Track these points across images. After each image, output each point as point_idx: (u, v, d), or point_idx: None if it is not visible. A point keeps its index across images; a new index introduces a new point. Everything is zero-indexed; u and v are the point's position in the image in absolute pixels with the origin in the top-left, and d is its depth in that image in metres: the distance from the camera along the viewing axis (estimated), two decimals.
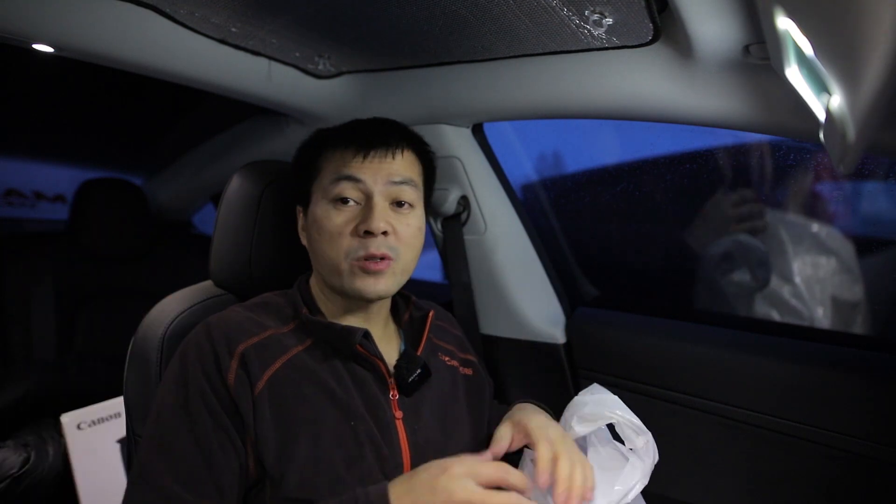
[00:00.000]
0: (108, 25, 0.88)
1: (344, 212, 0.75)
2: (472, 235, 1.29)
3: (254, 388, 0.68)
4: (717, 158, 1.42)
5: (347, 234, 0.74)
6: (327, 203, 0.76)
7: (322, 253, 0.76)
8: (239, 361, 0.69)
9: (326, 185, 0.76)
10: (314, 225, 0.77)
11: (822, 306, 1.32)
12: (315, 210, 0.77)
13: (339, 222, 0.75)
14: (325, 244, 0.75)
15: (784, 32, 0.55)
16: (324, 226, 0.75)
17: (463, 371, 0.90)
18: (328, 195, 0.76)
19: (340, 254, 0.74)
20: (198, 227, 2.31)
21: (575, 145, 1.85)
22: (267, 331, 0.73)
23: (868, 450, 0.89)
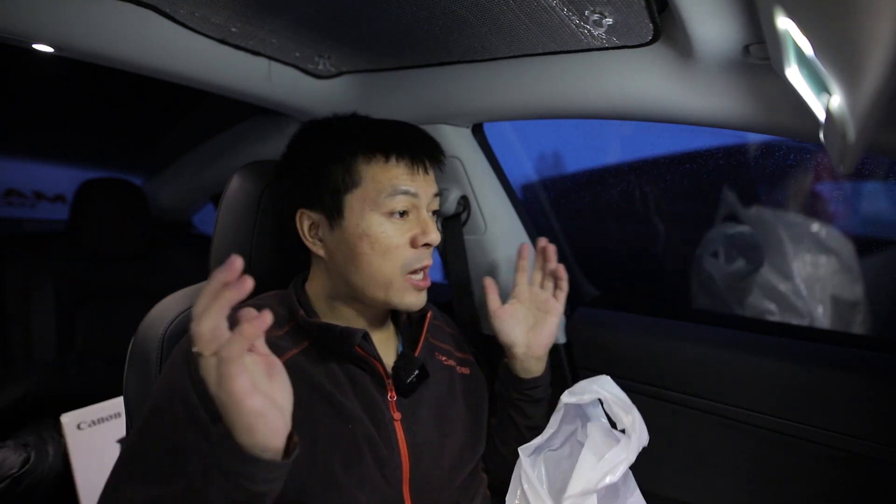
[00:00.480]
0: (108, 25, 0.88)
1: (401, 225, 0.76)
2: (472, 235, 1.29)
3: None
4: (717, 158, 1.42)
5: (407, 247, 0.75)
6: (380, 216, 0.75)
7: (373, 267, 0.74)
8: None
9: (380, 197, 0.74)
10: (364, 238, 0.74)
11: (822, 305, 1.32)
12: (362, 223, 0.74)
13: (396, 235, 0.75)
14: (381, 258, 0.74)
15: (784, 32, 0.55)
16: (380, 240, 0.74)
17: (460, 370, 0.90)
18: (381, 208, 0.74)
19: (397, 267, 0.75)
20: (198, 227, 2.31)
21: (575, 145, 1.85)
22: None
23: (868, 450, 0.89)
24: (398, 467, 0.73)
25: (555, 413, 0.81)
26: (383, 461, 0.72)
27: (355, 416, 0.72)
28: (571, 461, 0.75)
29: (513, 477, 0.79)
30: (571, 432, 0.83)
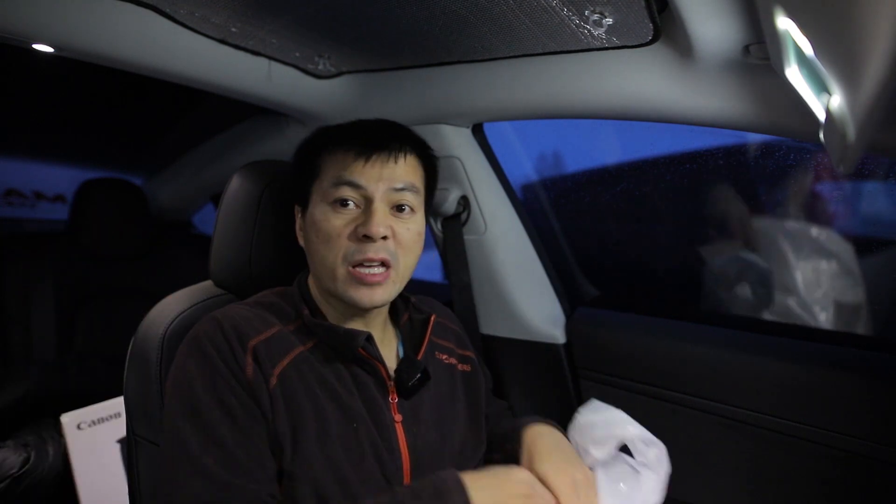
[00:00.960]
0: (108, 25, 0.88)
1: (343, 215, 0.74)
2: (472, 235, 1.29)
3: (268, 383, 0.68)
4: (717, 158, 1.42)
5: (345, 237, 0.73)
6: (326, 205, 0.75)
7: (319, 256, 0.75)
8: (252, 356, 0.68)
9: (326, 187, 0.75)
10: (312, 227, 0.76)
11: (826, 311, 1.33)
12: (314, 211, 0.76)
13: (337, 224, 0.74)
14: (322, 246, 0.74)
15: (784, 32, 0.55)
16: (322, 228, 0.74)
17: (461, 368, 0.90)
18: (328, 197, 0.75)
19: (338, 257, 0.73)
20: (198, 227, 2.31)
21: (575, 145, 1.85)
22: (273, 327, 0.73)
23: (868, 450, 0.89)
24: (399, 469, 0.73)
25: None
26: (384, 463, 0.72)
27: (360, 417, 0.72)
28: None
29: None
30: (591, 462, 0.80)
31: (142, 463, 0.81)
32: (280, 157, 1.51)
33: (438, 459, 0.78)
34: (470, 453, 0.83)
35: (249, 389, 0.67)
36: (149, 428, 0.79)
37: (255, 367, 0.68)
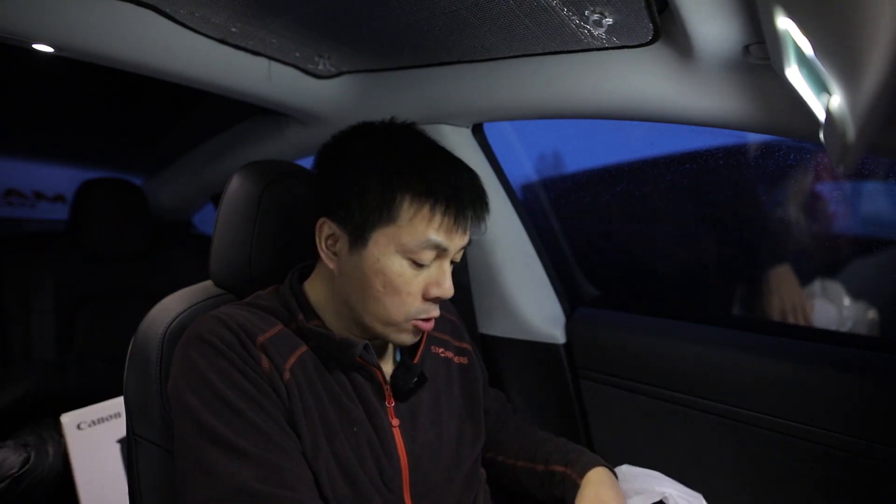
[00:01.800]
0: (108, 25, 0.88)
1: (420, 274, 0.72)
2: (472, 235, 1.29)
3: (282, 376, 0.68)
4: (717, 158, 1.42)
5: (418, 296, 0.72)
6: (402, 259, 0.70)
7: (380, 304, 0.71)
8: (264, 352, 0.68)
9: (408, 242, 0.69)
10: (379, 275, 0.70)
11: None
12: (382, 259, 0.70)
13: (413, 284, 0.71)
14: (390, 300, 0.71)
15: (784, 32, 0.55)
16: (396, 284, 0.70)
17: (458, 360, 0.90)
18: (407, 252, 0.70)
19: (402, 312, 0.71)
20: (198, 227, 2.31)
21: (575, 145, 1.85)
22: (276, 326, 0.72)
23: (868, 450, 0.89)
24: (398, 473, 0.73)
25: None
26: (383, 468, 0.72)
27: (360, 421, 0.72)
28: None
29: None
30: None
31: (142, 463, 0.81)
32: (280, 157, 1.51)
33: (436, 459, 0.78)
34: (468, 447, 0.83)
35: (269, 380, 0.66)
36: (149, 428, 0.79)
37: (269, 361, 0.67)
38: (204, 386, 0.65)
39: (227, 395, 0.64)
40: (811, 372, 0.95)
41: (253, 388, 0.65)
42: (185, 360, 0.68)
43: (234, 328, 0.68)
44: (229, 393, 0.64)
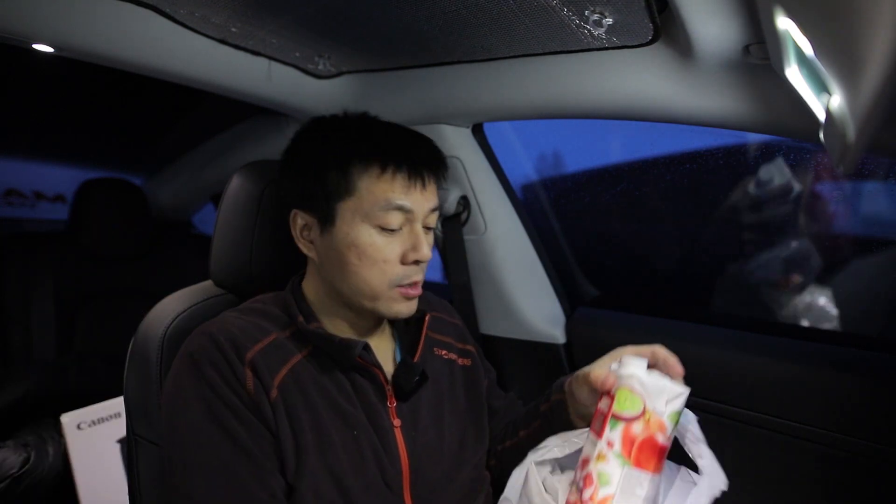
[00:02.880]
0: (108, 25, 0.88)
1: (391, 240, 0.73)
2: (472, 235, 1.29)
3: (269, 395, 0.67)
4: (717, 158, 1.42)
5: (395, 262, 0.73)
6: (371, 228, 0.72)
7: (359, 277, 0.73)
8: (251, 369, 0.67)
9: (373, 210, 0.71)
10: (352, 249, 0.72)
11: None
12: (352, 232, 0.72)
13: (386, 250, 0.72)
14: (366, 270, 0.72)
15: (784, 32, 0.55)
16: (368, 252, 0.72)
17: (461, 363, 0.90)
18: (373, 220, 0.72)
19: (384, 281, 0.73)
20: (198, 227, 2.31)
21: (575, 145, 1.85)
22: (270, 335, 0.72)
23: (868, 450, 0.89)
24: (399, 474, 0.73)
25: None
26: (385, 469, 0.72)
27: (360, 423, 0.72)
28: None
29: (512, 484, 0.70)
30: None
31: (142, 463, 0.81)
32: (280, 157, 1.51)
33: (437, 460, 0.78)
34: (470, 450, 0.83)
35: (251, 405, 0.66)
36: (149, 428, 0.79)
37: (255, 380, 0.67)
38: (187, 415, 0.67)
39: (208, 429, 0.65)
40: (811, 372, 0.95)
41: (233, 419, 0.65)
42: (175, 380, 0.69)
43: (222, 345, 0.68)
44: (210, 426, 0.65)
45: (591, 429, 0.61)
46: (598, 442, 0.58)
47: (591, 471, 0.57)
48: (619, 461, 0.56)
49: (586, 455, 0.59)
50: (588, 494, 0.56)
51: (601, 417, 0.59)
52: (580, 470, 0.59)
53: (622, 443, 0.57)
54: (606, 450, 0.57)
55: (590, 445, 0.59)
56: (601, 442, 0.57)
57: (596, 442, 0.58)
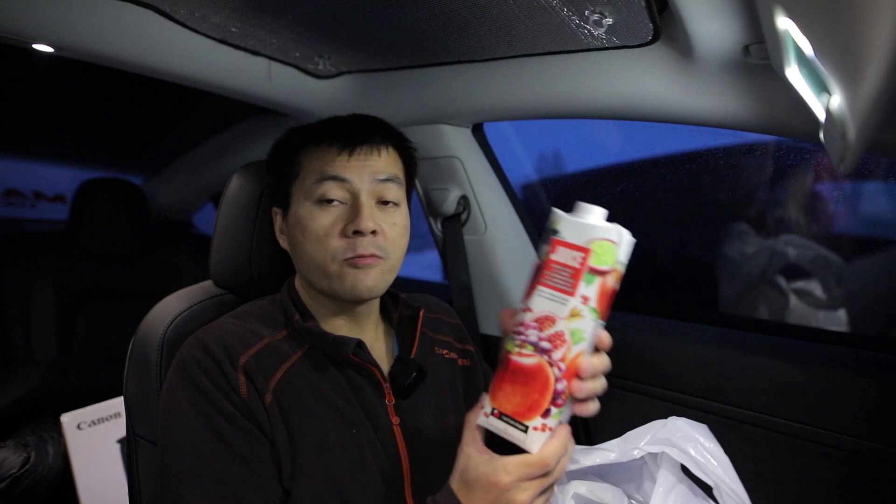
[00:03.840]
0: (108, 25, 0.88)
1: (330, 212, 0.72)
2: (472, 235, 1.29)
3: (263, 399, 0.67)
4: (717, 158, 1.42)
5: (335, 236, 0.72)
6: (311, 204, 0.73)
7: (307, 256, 0.73)
8: (244, 374, 0.67)
9: (309, 185, 0.73)
10: (297, 227, 0.74)
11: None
12: (298, 211, 0.74)
13: (325, 223, 0.72)
14: (311, 246, 0.73)
15: (784, 32, 0.55)
16: (308, 227, 0.72)
17: (462, 363, 0.89)
18: (312, 195, 0.73)
19: (328, 256, 0.72)
20: (198, 227, 2.31)
21: (575, 145, 1.85)
22: (262, 340, 0.71)
23: (868, 449, 0.89)
24: (399, 472, 0.73)
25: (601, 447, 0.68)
26: (384, 466, 0.72)
27: (358, 422, 0.72)
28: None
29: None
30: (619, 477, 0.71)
31: (142, 463, 0.81)
32: None
33: (438, 459, 0.78)
34: None
35: (246, 410, 0.66)
36: (149, 428, 0.79)
37: (249, 385, 0.67)
38: (180, 422, 0.66)
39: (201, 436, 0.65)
40: (811, 372, 0.95)
41: (227, 426, 0.65)
42: (169, 388, 0.69)
43: (214, 352, 0.67)
44: (203, 433, 0.65)
45: (547, 284, 0.54)
46: (569, 299, 0.53)
47: (563, 330, 0.53)
48: (592, 316, 0.53)
49: (548, 314, 0.53)
50: (560, 355, 0.53)
51: (568, 272, 0.54)
52: (539, 331, 0.54)
53: (598, 297, 0.53)
54: (581, 306, 0.53)
55: (552, 303, 0.54)
56: (574, 299, 0.53)
57: (566, 299, 0.53)
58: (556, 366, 0.53)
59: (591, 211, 0.55)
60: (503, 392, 0.55)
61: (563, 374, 0.53)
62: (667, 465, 0.65)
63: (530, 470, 0.53)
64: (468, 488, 0.56)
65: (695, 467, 0.63)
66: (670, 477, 0.64)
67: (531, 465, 0.53)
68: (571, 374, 0.53)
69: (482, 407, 0.56)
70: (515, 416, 0.54)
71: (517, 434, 0.54)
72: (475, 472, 0.55)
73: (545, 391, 0.53)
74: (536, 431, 0.53)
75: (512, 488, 0.53)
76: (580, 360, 0.53)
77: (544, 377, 0.53)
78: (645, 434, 0.66)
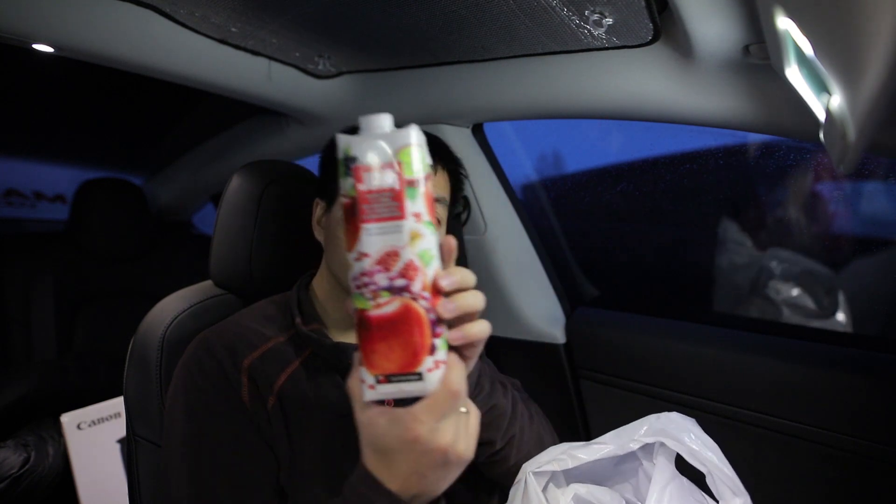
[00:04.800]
0: (108, 25, 0.88)
1: None
2: (472, 235, 1.29)
3: (266, 403, 0.67)
4: (717, 158, 1.42)
5: None
6: None
7: (344, 255, 0.72)
8: (248, 377, 0.67)
9: None
10: (341, 224, 0.72)
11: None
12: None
13: None
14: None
15: (784, 32, 0.55)
16: None
17: None
18: None
19: None
20: (198, 227, 2.31)
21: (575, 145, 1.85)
22: (268, 342, 0.71)
23: (868, 449, 0.89)
24: None
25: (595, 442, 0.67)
26: None
27: None
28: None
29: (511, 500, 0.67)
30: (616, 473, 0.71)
31: (142, 463, 0.81)
32: (280, 157, 1.51)
33: None
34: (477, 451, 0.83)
35: (245, 413, 0.66)
36: (149, 428, 0.79)
37: (252, 388, 0.67)
38: (178, 423, 0.66)
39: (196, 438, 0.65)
40: (811, 372, 0.95)
41: (224, 428, 0.65)
42: (172, 387, 0.69)
43: (217, 353, 0.67)
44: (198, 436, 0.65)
45: (370, 219, 0.48)
46: (402, 223, 0.47)
47: (411, 257, 0.47)
48: (430, 230, 0.48)
49: (388, 249, 0.47)
50: (419, 285, 0.47)
51: (387, 196, 0.48)
52: (387, 271, 0.47)
53: (427, 208, 0.48)
54: (417, 225, 0.47)
55: (386, 236, 0.47)
56: (407, 221, 0.47)
57: (399, 224, 0.47)
58: (420, 297, 0.47)
59: (378, 121, 0.49)
60: (378, 353, 0.48)
61: (431, 303, 0.47)
62: (662, 457, 0.65)
63: (443, 407, 0.47)
64: (385, 458, 0.49)
65: (689, 455, 0.64)
66: (666, 469, 0.64)
67: (441, 402, 0.47)
68: (437, 297, 0.48)
69: (363, 381, 0.48)
70: (404, 370, 0.47)
71: (414, 386, 0.47)
72: (386, 438, 0.48)
73: (422, 329, 0.47)
74: (432, 372, 0.47)
75: (433, 435, 0.47)
76: (438, 277, 0.48)
77: (414, 315, 0.47)
78: (640, 427, 0.66)
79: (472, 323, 0.50)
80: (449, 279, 0.48)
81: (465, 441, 0.49)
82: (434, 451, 0.47)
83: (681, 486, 0.63)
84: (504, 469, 0.79)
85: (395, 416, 0.48)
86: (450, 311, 0.48)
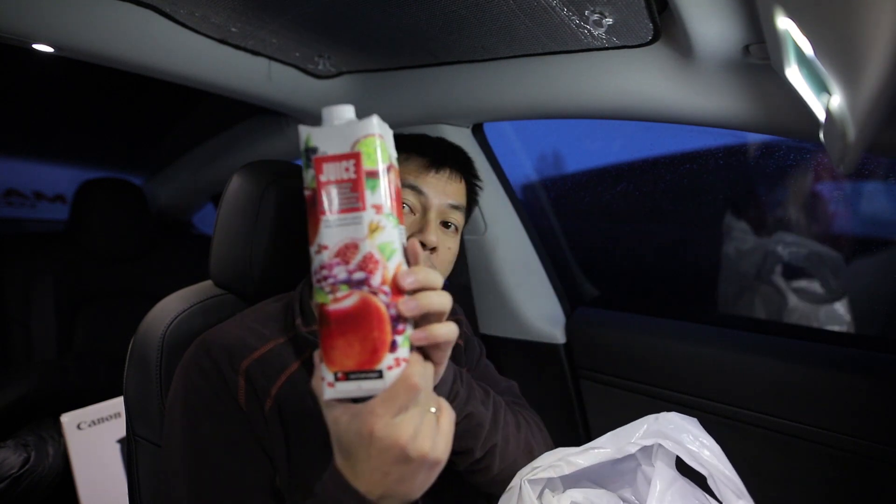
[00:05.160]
0: (108, 25, 0.88)
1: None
2: (472, 235, 1.29)
3: (263, 406, 0.67)
4: (717, 158, 1.42)
5: None
6: None
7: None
8: (245, 378, 0.67)
9: None
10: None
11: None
12: None
13: None
14: None
15: (784, 32, 0.55)
16: None
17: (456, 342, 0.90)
18: None
19: None
20: (198, 227, 2.31)
21: (575, 145, 1.85)
22: (267, 343, 0.71)
23: (868, 449, 0.89)
24: None
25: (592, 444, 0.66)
26: None
27: None
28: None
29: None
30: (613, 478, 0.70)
31: (141, 463, 0.81)
32: (280, 157, 1.51)
33: (447, 468, 0.77)
34: None
35: (240, 415, 0.65)
36: (149, 428, 0.79)
37: (249, 390, 0.66)
38: (176, 423, 0.67)
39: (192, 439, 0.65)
40: (811, 372, 0.95)
41: (219, 429, 0.65)
42: (172, 388, 0.69)
43: (215, 354, 0.67)
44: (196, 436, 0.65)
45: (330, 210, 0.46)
46: (361, 215, 0.46)
47: (370, 250, 0.45)
48: (391, 222, 0.47)
49: (347, 241, 0.46)
50: (378, 278, 0.45)
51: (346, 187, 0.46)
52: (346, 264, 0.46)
53: (390, 200, 0.47)
54: (377, 217, 0.46)
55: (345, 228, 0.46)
56: (366, 212, 0.46)
57: (358, 216, 0.46)
58: (380, 292, 0.45)
59: (340, 112, 0.48)
60: (337, 350, 0.46)
61: (391, 298, 0.46)
62: (662, 459, 0.64)
63: (399, 400, 0.45)
64: (351, 457, 0.48)
65: (689, 457, 0.62)
66: (666, 472, 0.63)
67: (398, 395, 0.45)
68: (400, 294, 0.46)
69: (323, 379, 0.47)
70: (363, 367, 0.46)
71: (374, 384, 0.46)
72: (347, 435, 0.47)
73: (382, 324, 0.45)
74: (392, 370, 0.45)
75: (389, 430, 0.45)
76: (400, 274, 0.46)
77: (374, 310, 0.45)
78: (638, 428, 0.65)
79: (438, 324, 0.48)
80: (411, 277, 0.46)
81: (430, 439, 0.47)
82: (392, 446, 0.45)
83: (682, 489, 0.63)
84: (487, 479, 0.77)
85: (354, 411, 0.47)
86: (411, 308, 0.46)
